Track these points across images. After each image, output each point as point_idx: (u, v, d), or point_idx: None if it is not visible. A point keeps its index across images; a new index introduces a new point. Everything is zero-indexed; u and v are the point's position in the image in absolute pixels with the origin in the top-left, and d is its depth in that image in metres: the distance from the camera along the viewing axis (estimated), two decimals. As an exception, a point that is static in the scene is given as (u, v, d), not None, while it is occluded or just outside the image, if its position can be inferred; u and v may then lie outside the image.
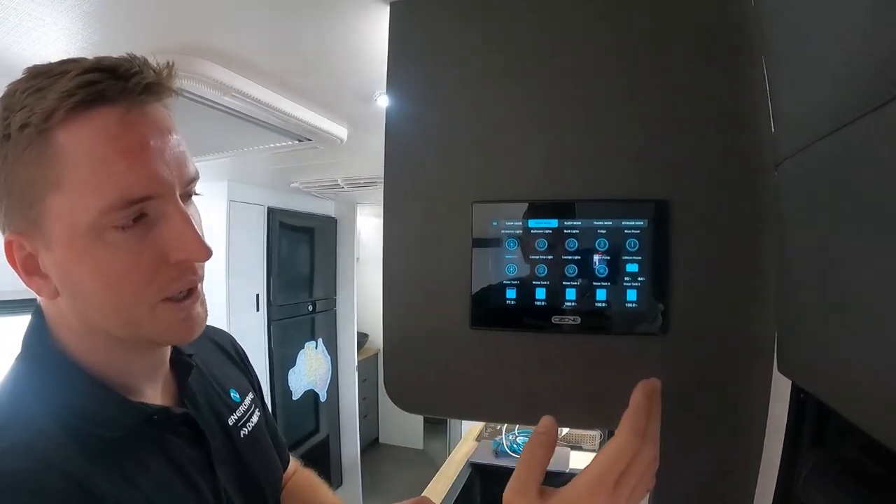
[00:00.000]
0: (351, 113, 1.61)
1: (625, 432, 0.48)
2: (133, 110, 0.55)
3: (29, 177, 0.53)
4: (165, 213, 0.57)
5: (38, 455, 0.52)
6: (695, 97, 0.58)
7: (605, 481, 0.47)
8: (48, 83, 0.52)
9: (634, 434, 0.48)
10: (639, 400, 0.50)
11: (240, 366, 0.92)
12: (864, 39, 0.33)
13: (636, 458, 0.48)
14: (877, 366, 0.32)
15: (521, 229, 0.61)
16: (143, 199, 0.55)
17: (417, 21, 0.65)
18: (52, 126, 0.52)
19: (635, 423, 0.49)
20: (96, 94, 0.52)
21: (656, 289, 0.58)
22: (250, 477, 0.75)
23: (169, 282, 0.58)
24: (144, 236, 0.56)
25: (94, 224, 0.53)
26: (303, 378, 3.49)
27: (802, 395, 0.51)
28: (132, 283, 0.56)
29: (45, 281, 0.58)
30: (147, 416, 0.62)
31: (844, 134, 0.36)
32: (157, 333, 0.60)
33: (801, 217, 0.47)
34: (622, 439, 0.48)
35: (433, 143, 0.65)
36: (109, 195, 0.53)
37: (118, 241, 0.55)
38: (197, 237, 0.58)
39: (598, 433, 2.88)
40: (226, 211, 2.81)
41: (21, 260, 0.58)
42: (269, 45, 1.12)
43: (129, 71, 0.54)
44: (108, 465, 0.56)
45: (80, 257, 0.55)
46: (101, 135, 0.53)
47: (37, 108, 0.51)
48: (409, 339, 0.66)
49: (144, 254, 0.56)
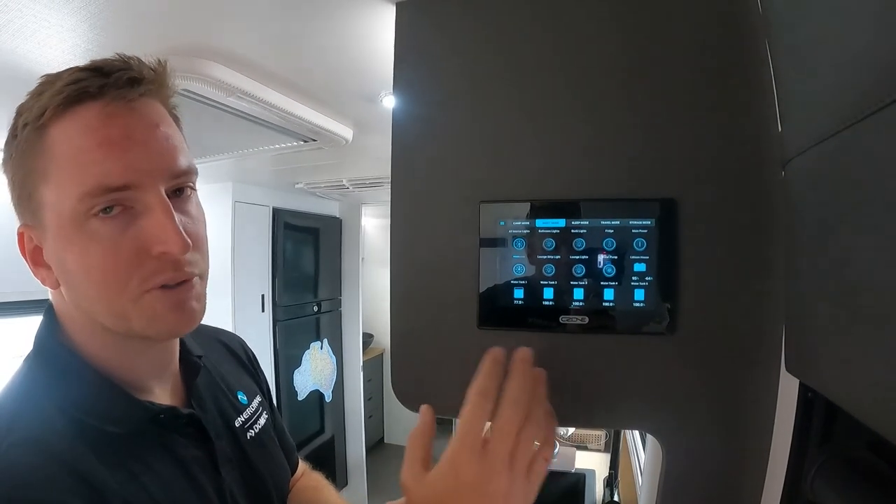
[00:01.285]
0: (356, 113, 1.61)
1: (469, 394, 0.55)
2: (114, 104, 0.57)
3: (26, 170, 0.58)
4: (148, 205, 0.57)
5: (47, 450, 0.53)
6: (702, 96, 0.58)
7: (467, 441, 0.54)
8: (47, 87, 0.57)
9: (477, 394, 0.55)
10: (486, 365, 0.57)
11: (249, 369, 0.93)
12: (870, 39, 0.33)
13: (498, 419, 0.54)
14: (885, 364, 0.32)
15: (529, 229, 0.61)
16: (121, 187, 0.55)
17: (423, 21, 0.65)
18: (45, 123, 0.56)
19: (480, 384, 0.55)
20: (80, 90, 0.55)
21: (663, 288, 0.58)
22: (257, 478, 0.76)
23: (150, 274, 0.58)
24: (126, 227, 0.57)
25: (74, 211, 0.55)
26: (308, 378, 3.50)
27: (810, 393, 0.50)
28: (113, 273, 0.57)
29: (48, 272, 0.61)
30: (153, 415, 0.63)
31: (851, 132, 0.36)
32: (146, 325, 0.59)
33: (809, 215, 0.47)
34: (468, 400, 0.55)
35: (440, 143, 0.65)
36: (87, 182, 0.55)
37: (100, 230, 0.56)
38: (175, 229, 0.57)
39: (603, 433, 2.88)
40: (231, 212, 2.82)
41: (30, 251, 0.61)
42: (274, 46, 1.12)
43: (114, 67, 0.57)
44: (115, 462, 0.57)
45: (67, 246, 0.57)
46: (83, 127, 0.56)
47: (35, 108, 0.56)
48: (416, 338, 0.66)
49: (125, 245, 0.56)
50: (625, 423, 0.70)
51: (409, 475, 0.58)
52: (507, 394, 0.55)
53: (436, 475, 0.56)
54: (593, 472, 2.28)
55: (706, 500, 0.60)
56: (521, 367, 0.56)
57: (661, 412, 0.60)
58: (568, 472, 2.28)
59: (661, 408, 0.60)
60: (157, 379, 0.68)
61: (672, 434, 0.60)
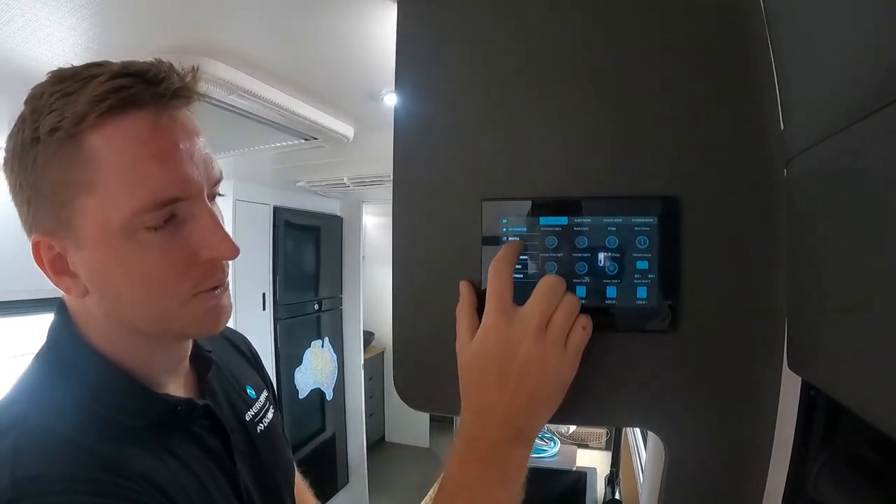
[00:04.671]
0: (357, 111, 1.61)
1: (491, 264, 0.56)
2: (163, 115, 0.56)
3: (60, 179, 0.55)
4: (194, 213, 0.59)
5: (64, 436, 0.54)
6: (704, 95, 0.57)
7: (495, 304, 0.55)
8: (77, 87, 0.53)
9: (499, 260, 0.56)
10: (504, 246, 0.58)
11: (254, 366, 0.94)
12: (874, 37, 0.33)
13: (534, 293, 0.54)
14: (888, 361, 0.32)
15: (531, 227, 0.61)
16: (174, 200, 0.56)
17: (425, 18, 0.65)
18: (84, 130, 0.53)
19: (500, 254, 0.57)
20: (127, 98, 0.54)
21: (666, 286, 0.58)
22: (266, 471, 0.77)
23: (200, 279, 0.60)
24: (175, 236, 0.58)
25: (125, 224, 0.55)
26: (309, 377, 3.50)
27: (812, 391, 0.50)
28: (164, 282, 0.58)
29: (73, 280, 0.59)
30: (171, 407, 0.64)
31: (855, 130, 0.36)
32: (188, 325, 0.62)
33: (812, 213, 0.47)
34: (491, 268, 0.56)
35: (442, 141, 0.65)
36: (141, 197, 0.54)
37: (150, 241, 0.56)
38: (226, 236, 0.60)
39: (604, 431, 2.88)
40: (231, 210, 2.82)
41: (49, 260, 0.59)
42: (276, 44, 1.12)
43: (158, 76, 0.55)
44: (137, 447, 0.58)
45: (112, 257, 0.57)
46: (132, 139, 0.54)
47: (67, 112, 0.52)
48: (418, 336, 0.66)
49: (175, 253, 0.58)
50: (626, 421, 0.70)
51: (458, 344, 0.59)
52: (542, 280, 0.55)
53: (475, 343, 0.56)
54: (594, 471, 2.28)
55: (708, 497, 0.60)
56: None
57: (663, 410, 0.60)
58: (569, 470, 2.29)
59: (662, 405, 0.60)
60: (171, 374, 0.69)
61: (673, 432, 0.60)
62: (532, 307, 0.54)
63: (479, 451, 0.56)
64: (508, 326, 0.54)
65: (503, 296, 0.55)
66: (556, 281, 0.54)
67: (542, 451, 2.40)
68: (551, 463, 2.36)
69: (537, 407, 0.55)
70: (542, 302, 0.54)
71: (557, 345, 0.54)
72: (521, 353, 0.53)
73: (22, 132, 0.55)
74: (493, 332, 0.54)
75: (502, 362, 0.54)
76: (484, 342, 0.55)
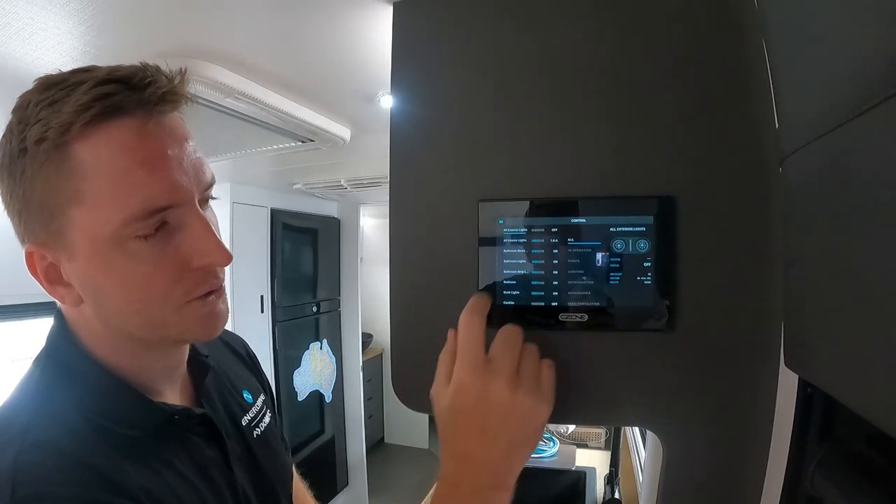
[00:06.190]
0: (354, 113, 1.61)
1: (461, 315, 0.58)
2: (150, 121, 0.55)
3: (48, 190, 0.54)
4: (185, 220, 0.58)
5: (66, 451, 0.53)
6: (699, 94, 0.58)
7: (467, 357, 0.57)
8: (62, 95, 0.52)
9: (468, 312, 0.58)
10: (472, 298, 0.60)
11: (251, 369, 0.93)
12: (868, 34, 0.33)
13: (495, 343, 0.58)
14: (884, 358, 0.32)
15: (527, 227, 0.61)
16: (164, 208, 0.55)
17: (421, 20, 0.66)
18: (70, 140, 0.52)
19: (469, 305, 0.59)
20: (112, 105, 0.52)
21: (662, 285, 0.58)
22: (263, 476, 0.76)
23: (192, 286, 0.59)
24: (166, 244, 0.57)
25: (115, 235, 0.54)
26: (308, 379, 3.50)
27: (809, 389, 0.51)
28: (157, 290, 0.57)
29: (67, 290, 0.59)
30: (168, 416, 0.64)
31: (849, 129, 0.36)
32: (183, 332, 0.62)
33: (807, 212, 0.47)
34: (461, 320, 0.58)
35: (438, 142, 0.65)
36: (131, 206, 0.53)
37: (141, 250, 0.55)
38: (218, 243, 0.59)
39: (603, 430, 2.88)
40: (229, 213, 2.81)
41: (43, 270, 0.58)
42: (271, 46, 1.12)
43: (144, 81, 0.54)
44: (135, 460, 0.57)
45: (104, 267, 0.56)
46: (120, 147, 0.53)
47: (53, 122, 0.51)
48: (416, 338, 0.66)
49: (167, 261, 0.57)
50: (625, 421, 0.70)
51: (434, 391, 0.60)
52: (501, 331, 0.58)
53: (452, 398, 0.57)
54: (594, 470, 2.28)
55: (707, 495, 0.60)
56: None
57: (661, 409, 0.60)
58: (568, 469, 2.28)
59: (660, 404, 0.60)
60: (168, 380, 0.69)
61: (672, 430, 0.60)
62: (501, 360, 0.56)
63: (461, 498, 0.57)
64: (483, 383, 0.55)
65: (475, 350, 0.57)
66: (514, 330, 0.58)
67: (541, 451, 2.40)
68: (550, 463, 2.36)
69: (517, 450, 0.57)
70: (509, 353, 0.56)
71: (532, 389, 0.56)
72: (502, 406, 0.55)
73: (10, 143, 0.54)
74: (470, 388, 0.56)
75: (482, 416, 0.55)
76: (462, 398, 0.56)
